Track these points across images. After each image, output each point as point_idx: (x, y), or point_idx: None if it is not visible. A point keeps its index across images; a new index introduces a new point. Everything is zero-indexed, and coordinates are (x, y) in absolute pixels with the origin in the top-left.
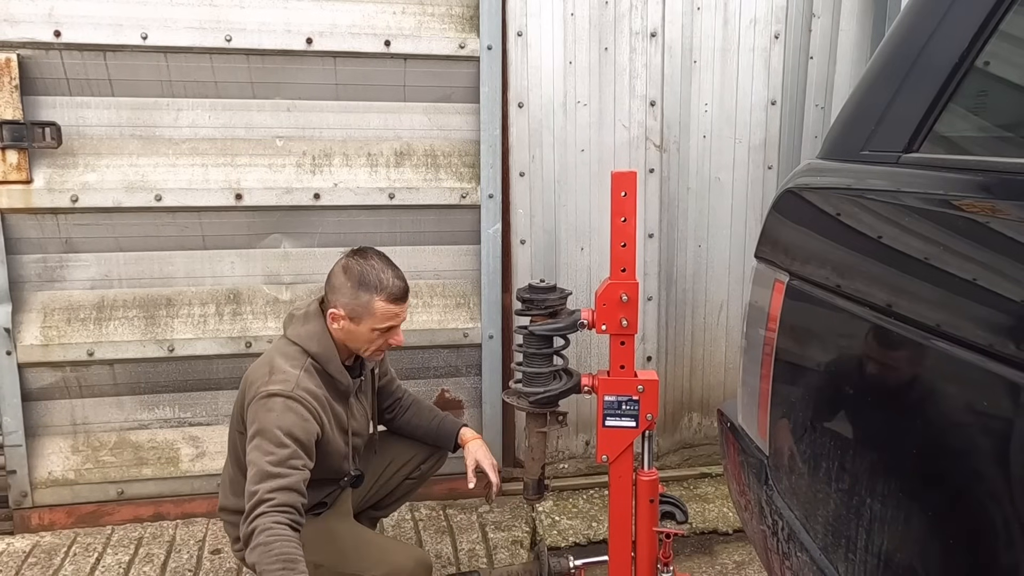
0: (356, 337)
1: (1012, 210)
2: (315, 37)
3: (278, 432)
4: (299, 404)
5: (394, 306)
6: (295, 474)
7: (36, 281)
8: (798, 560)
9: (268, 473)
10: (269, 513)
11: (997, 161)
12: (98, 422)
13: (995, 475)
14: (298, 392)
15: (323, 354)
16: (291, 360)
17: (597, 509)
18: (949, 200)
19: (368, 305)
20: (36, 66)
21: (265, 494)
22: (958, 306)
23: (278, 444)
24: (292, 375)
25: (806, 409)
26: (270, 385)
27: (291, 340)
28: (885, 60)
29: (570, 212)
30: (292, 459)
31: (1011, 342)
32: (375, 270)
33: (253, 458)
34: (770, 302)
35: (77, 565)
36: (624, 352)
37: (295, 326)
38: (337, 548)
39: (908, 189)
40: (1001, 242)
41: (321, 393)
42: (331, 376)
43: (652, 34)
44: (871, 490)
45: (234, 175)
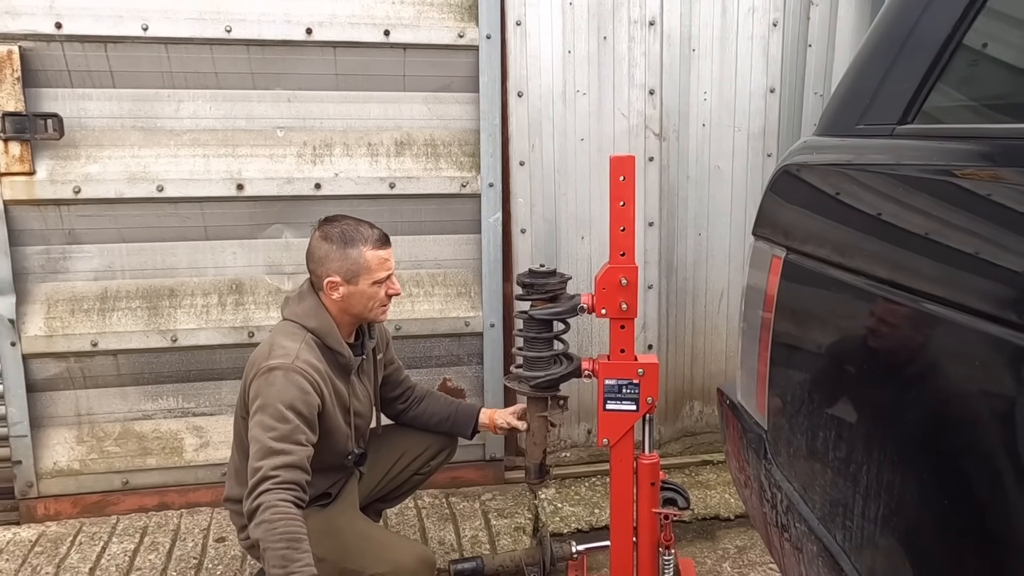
0: (358, 298)
1: (1005, 175)
2: (315, 27)
3: (280, 406)
4: (299, 375)
5: (382, 251)
6: (299, 450)
7: (40, 272)
8: (797, 531)
9: (272, 449)
10: (273, 490)
11: (988, 128)
12: (102, 412)
13: (990, 441)
14: (298, 364)
15: (321, 328)
16: (291, 336)
17: (599, 496)
18: (942, 168)
19: (359, 259)
20: (38, 58)
21: (269, 471)
22: (953, 271)
23: (280, 419)
24: (292, 348)
25: (803, 382)
26: (270, 360)
27: (289, 319)
28: (879, 36)
29: (570, 201)
30: (295, 434)
31: (1011, 306)
32: (351, 227)
33: (256, 434)
34: (767, 279)
35: (83, 554)
36: (624, 336)
37: (291, 307)
38: (340, 543)
39: (902, 160)
40: (995, 207)
41: (322, 367)
42: (331, 349)
43: (651, 23)
44: (867, 458)
45: (235, 166)
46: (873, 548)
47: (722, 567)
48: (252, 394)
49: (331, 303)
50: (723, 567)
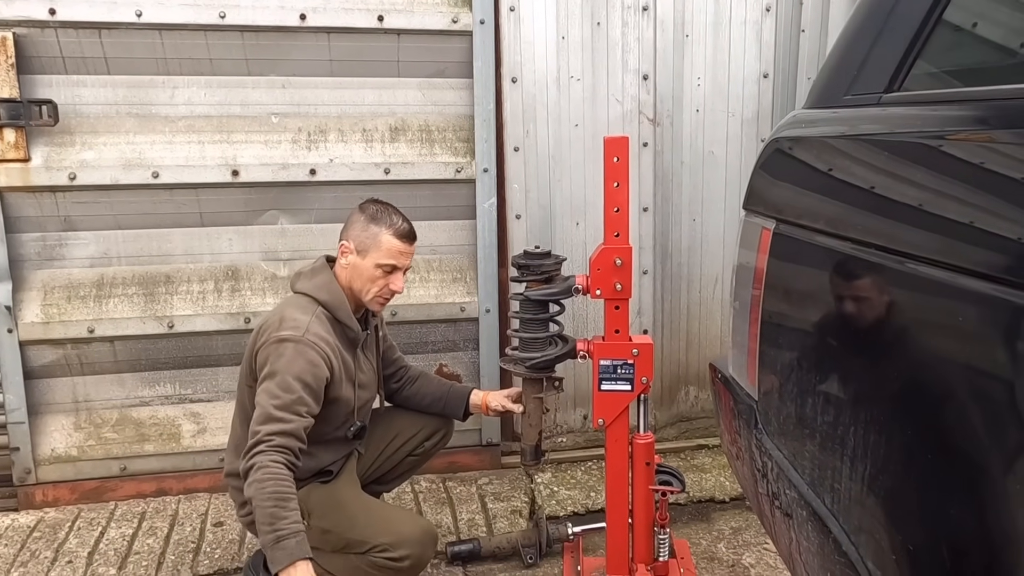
0: (360, 275)
1: (989, 136)
2: (308, 13)
3: (287, 377)
4: (310, 348)
5: (400, 243)
6: (297, 420)
7: (36, 259)
8: (787, 497)
9: (272, 416)
10: (267, 452)
11: (972, 91)
12: (100, 399)
13: (971, 401)
14: (309, 337)
15: (332, 301)
16: (301, 309)
17: (595, 480)
18: (927, 133)
19: (376, 237)
20: (32, 44)
21: (265, 435)
22: (937, 230)
23: (286, 389)
24: (303, 321)
25: (791, 348)
26: (281, 331)
27: (301, 292)
28: (866, 8)
29: (565, 187)
30: (297, 405)
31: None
32: (387, 211)
33: (260, 399)
34: (757, 254)
35: (82, 539)
36: (619, 316)
37: (303, 281)
38: (345, 515)
39: (887, 128)
40: (983, 170)
41: (332, 340)
42: (340, 323)
43: (644, 8)
44: (854, 420)
45: (230, 152)
46: (860, 508)
47: (717, 548)
48: (260, 361)
49: (340, 272)
50: (718, 548)
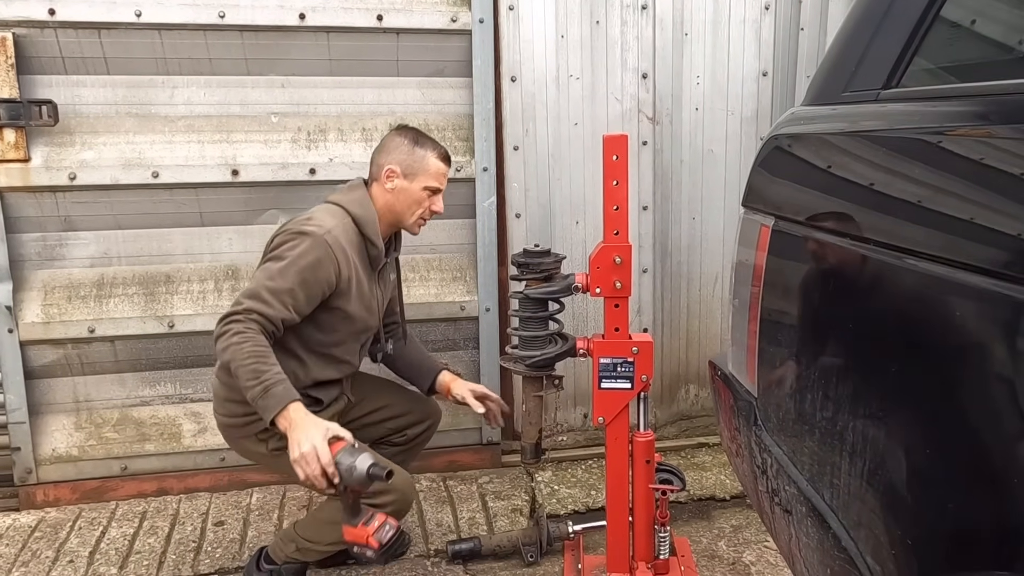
0: (405, 198)
1: (987, 131)
2: (308, 12)
3: (292, 267)
4: (325, 249)
5: (443, 165)
6: (281, 310)
7: (36, 259)
8: (787, 494)
9: (259, 295)
10: (244, 321)
11: (970, 87)
12: (100, 399)
13: (971, 394)
14: (328, 237)
15: (363, 216)
16: (331, 214)
17: (595, 478)
18: (923, 128)
19: (423, 160)
20: (31, 44)
21: (245, 309)
22: (935, 226)
23: (283, 275)
24: (328, 223)
25: (791, 345)
26: (304, 226)
27: (334, 203)
28: (865, 3)
29: (564, 185)
30: (287, 295)
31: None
32: (425, 136)
33: (257, 275)
34: (756, 251)
35: (83, 538)
36: (618, 315)
37: (337, 195)
38: None
39: (885, 124)
40: (974, 164)
41: (351, 251)
42: (366, 239)
43: (643, 6)
44: (853, 416)
45: (230, 151)
46: (859, 503)
47: (718, 545)
48: (273, 245)
49: (380, 195)
50: (719, 545)
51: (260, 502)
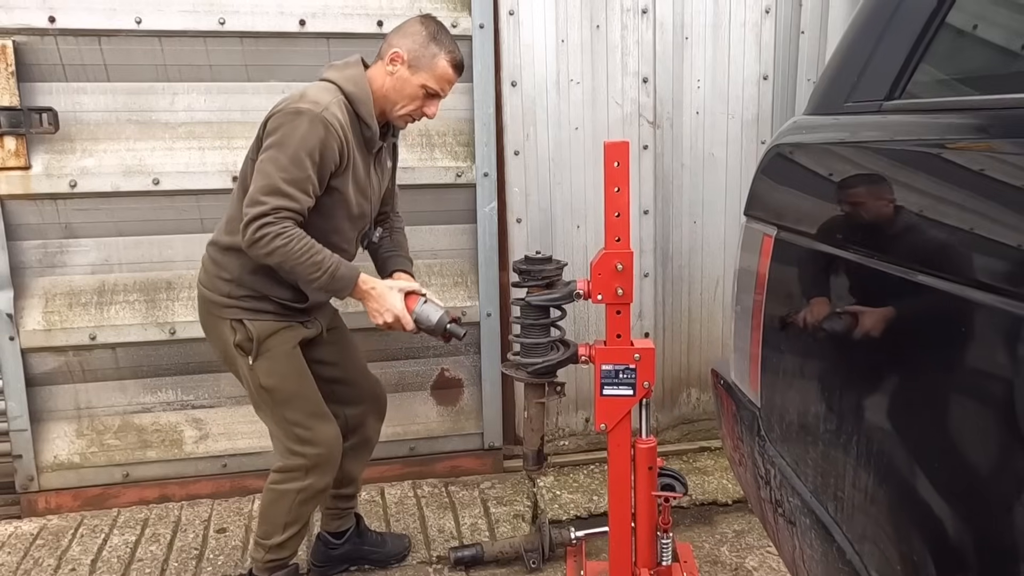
0: (402, 88)
1: (991, 145)
2: (308, 18)
3: (299, 150)
4: (324, 126)
5: (453, 72)
6: (305, 199)
7: (37, 267)
8: (790, 505)
9: (280, 190)
10: (278, 223)
11: (972, 100)
12: (102, 406)
13: (976, 410)
14: (326, 114)
15: (358, 94)
16: (324, 91)
17: (598, 483)
18: (926, 140)
19: (434, 59)
20: (32, 52)
21: (272, 208)
22: (939, 241)
23: (297, 163)
24: (324, 100)
25: (794, 356)
26: (299, 104)
27: (326, 79)
28: (867, 14)
29: (565, 190)
30: (306, 183)
31: (998, 279)
32: (447, 34)
33: (266, 168)
34: (759, 258)
35: (84, 546)
36: (620, 321)
37: (331, 71)
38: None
39: (888, 135)
40: (976, 178)
41: (348, 128)
42: (360, 119)
43: (643, 11)
44: (857, 429)
45: (231, 158)
46: (864, 517)
47: (720, 551)
48: (270, 129)
49: (379, 76)
50: (721, 551)
51: None
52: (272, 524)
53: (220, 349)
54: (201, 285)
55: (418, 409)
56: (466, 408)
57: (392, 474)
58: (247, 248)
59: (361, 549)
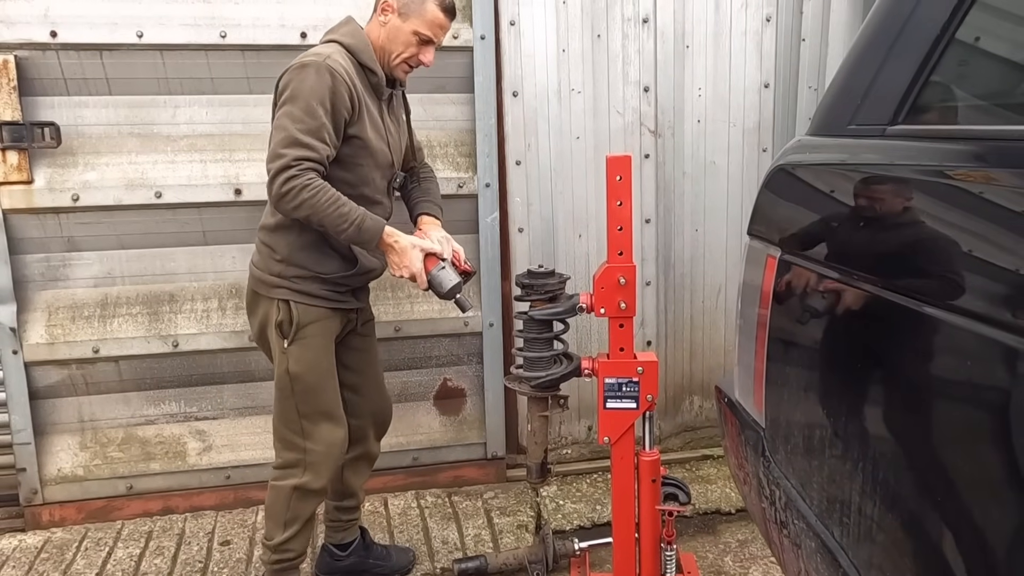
0: (395, 37)
1: (993, 176)
2: (309, 31)
3: (311, 100)
4: (330, 74)
5: (443, 16)
6: (323, 148)
7: (40, 280)
8: (795, 528)
9: (298, 140)
10: (301, 175)
11: (977, 129)
12: (105, 418)
13: (983, 438)
14: (330, 62)
15: (357, 44)
16: (325, 47)
17: (601, 493)
18: (932, 169)
19: (423, 4)
20: (34, 67)
21: (294, 160)
22: (944, 273)
23: (310, 113)
24: (325, 51)
25: (799, 380)
26: (302, 59)
27: (326, 40)
28: (869, 36)
29: (567, 199)
30: (322, 131)
31: (1000, 309)
32: None
33: (283, 123)
34: (763, 277)
35: (89, 559)
36: (623, 334)
37: (330, 34)
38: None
39: (893, 160)
40: (985, 207)
41: (355, 74)
42: (363, 66)
43: (644, 20)
44: (863, 454)
45: (233, 170)
46: (870, 543)
47: (724, 561)
48: (281, 87)
49: (374, 28)
50: (725, 561)
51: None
52: (274, 522)
53: (258, 326)
54: (253, 265)
55: (421, 419)
56: (469, 418)
57: (395, 484)
58: (276, 204)
59: (366, 562)
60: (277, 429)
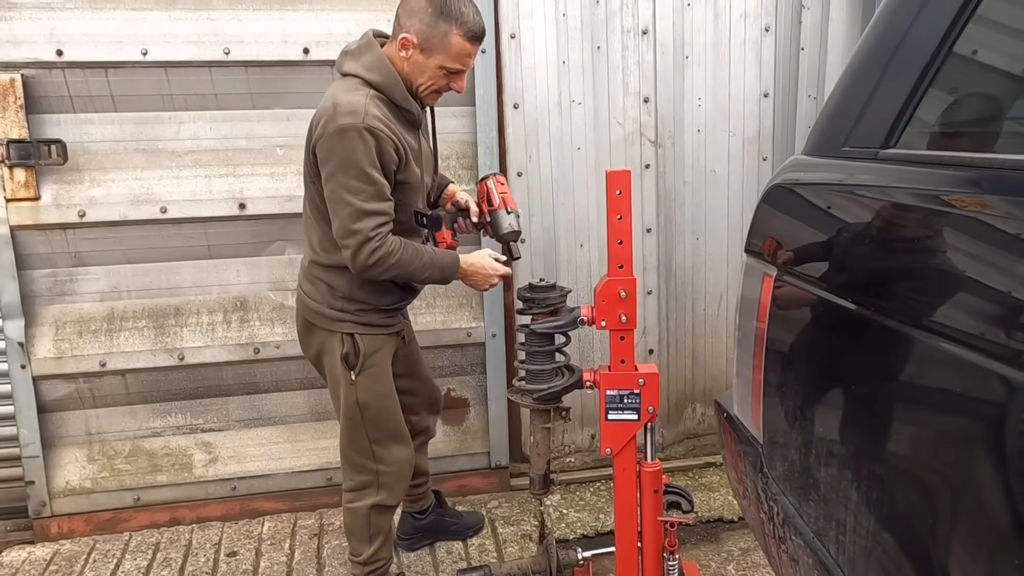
0: (420, 71)
1: (981, 201)
2: (311, 47)
3: (363, 167)
4: (373, 136)
5: (470, 45)
6: (388, 207)
7: (47, 295)
8: (793, 544)
9: (366, 211)
10: (378, 239)
11: (969, 157)
12: (112, 431)
13: (971, 458)
14: (368, 121)
15: (386, 83)
16: (353, 92)
17: (604, 501)
18: (922, 193)
19: (445, 37)
20: (40, 85)
21: (371, 231)
22: (933, 297)
23: (366, 180)
24: (359, 104)
25: (795, 398)
26: (339, 119)
27: (349, 74)
28: (863, 59)
29: (568, 210)
30: (383, 193)
31: (989, 333)
32: (458, 1)
33: (343, 197)
34: (760, 295)
35: (97, 571)
36: (624, 347)
37: (350, 62)
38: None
39: (885, 184)
40: (972, 228)
41: (392, 123)
42: (397, 106)
43: (643, 31)
44: (858, 474)
45: (237, 185)
46: (865, 562)
47: (727, 570)
48: (323, 155)
49: (396, 59)
50: (728, 570)
51: (271, 531)
52: (358, 540)
53: (318, 356)
54: (308, 297)
55: None
56: (472, 427)
57: None
58: (361, 274)
59: (443, 520)
60: (347, 454)
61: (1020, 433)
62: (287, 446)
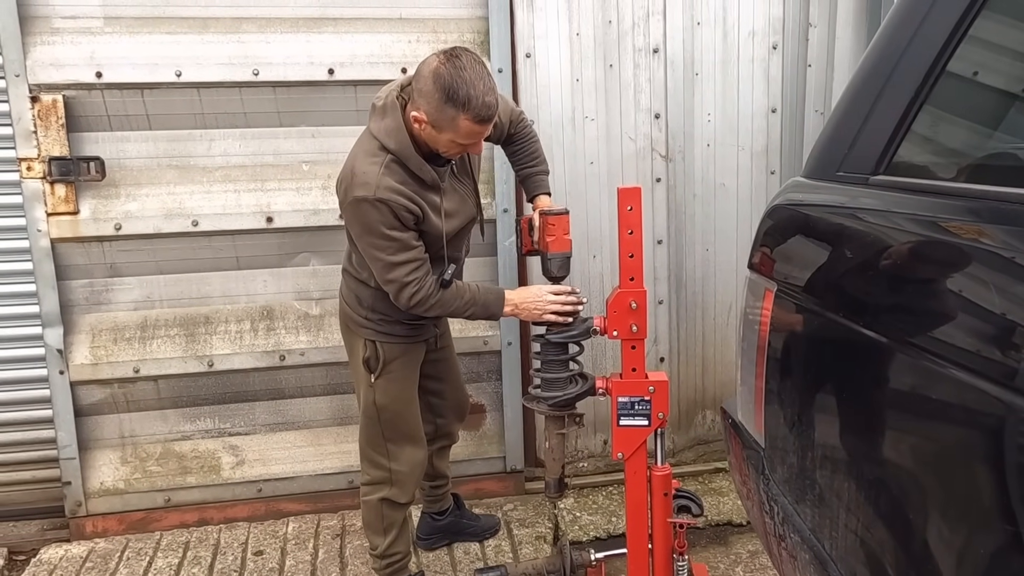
0: (434, 142)
1: (963, 227)
2: (336, 68)
3: (383, 229)
4: (386, 206)
5: (478, 127)
6: (419, 251)
7: (84, 304)
8: (792, 541)
9: (396, 263)
10: (418, 284)
11: (953, 186)
12: (144, 434)
13: (945, 460)
14: (380, 193)
15: (401, 151)
16: (371, 158)
17: (616, 505)
18: (907, 217)
19: (453, 121)
20: (80, 105)
21: (405, 278)
22: (914, 315)
23: (388, 239)
24: (372, 175)
25: (793, 406)
26: (355, 190)
27: (372, 135)
28: (856, 88)
29: (581, 222)
30: (408, 243)
31: (965, 345)
32: (465, 84)
33: (373, 255)
34: (761, 309)
35: (131, 568)
36: (635, 356)
37: (375, 120)
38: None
39: (875, 208)
40: (954, 254)
41: (406, 188)
42: (413, 171)
43: (654, 50)
44: (847, 478)
45: (264, 199)
46: (854, 555)
47: (735, 572)
48: (346, 220)
49: (414, 126)
50: (736, 572)
51: (296, 531)
52: (373, 531)
53: (350, 355)
54: (343, 300)
55: None
56: (488, 432)
57: (418, 497)
58: (407, 311)
59: (460, 522)
60: (364, 450)
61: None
62: (311, 449)
